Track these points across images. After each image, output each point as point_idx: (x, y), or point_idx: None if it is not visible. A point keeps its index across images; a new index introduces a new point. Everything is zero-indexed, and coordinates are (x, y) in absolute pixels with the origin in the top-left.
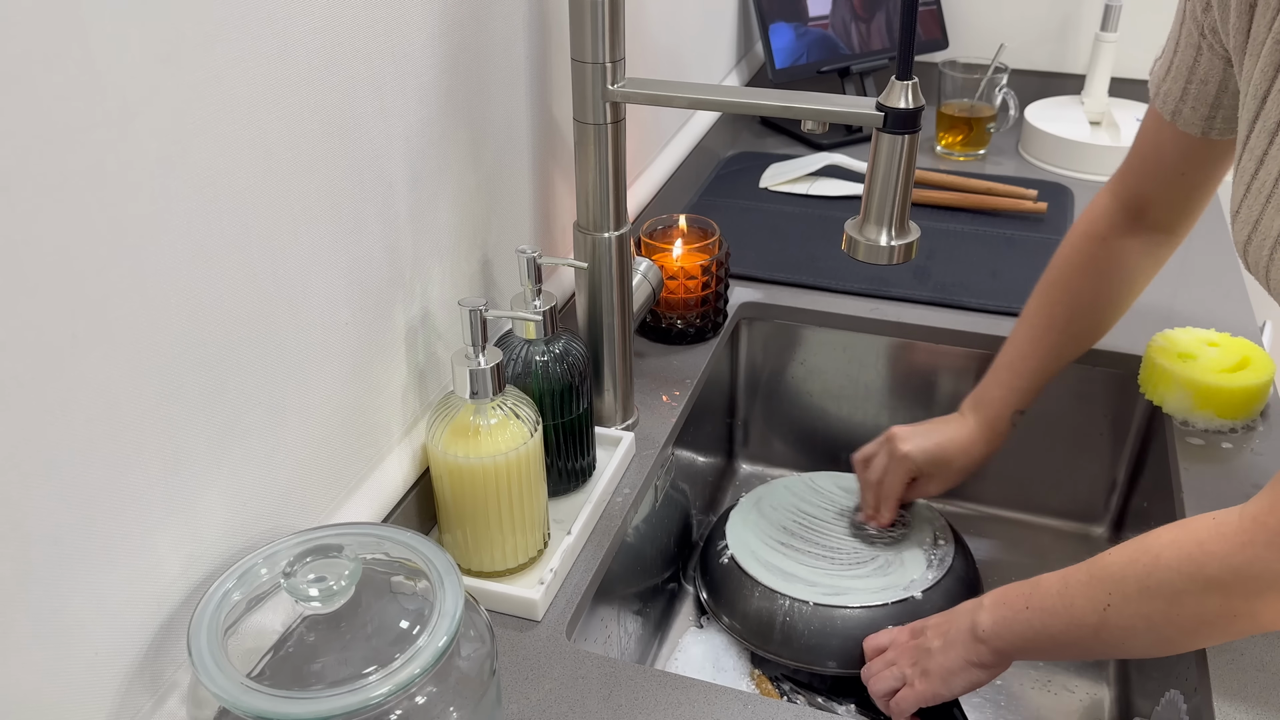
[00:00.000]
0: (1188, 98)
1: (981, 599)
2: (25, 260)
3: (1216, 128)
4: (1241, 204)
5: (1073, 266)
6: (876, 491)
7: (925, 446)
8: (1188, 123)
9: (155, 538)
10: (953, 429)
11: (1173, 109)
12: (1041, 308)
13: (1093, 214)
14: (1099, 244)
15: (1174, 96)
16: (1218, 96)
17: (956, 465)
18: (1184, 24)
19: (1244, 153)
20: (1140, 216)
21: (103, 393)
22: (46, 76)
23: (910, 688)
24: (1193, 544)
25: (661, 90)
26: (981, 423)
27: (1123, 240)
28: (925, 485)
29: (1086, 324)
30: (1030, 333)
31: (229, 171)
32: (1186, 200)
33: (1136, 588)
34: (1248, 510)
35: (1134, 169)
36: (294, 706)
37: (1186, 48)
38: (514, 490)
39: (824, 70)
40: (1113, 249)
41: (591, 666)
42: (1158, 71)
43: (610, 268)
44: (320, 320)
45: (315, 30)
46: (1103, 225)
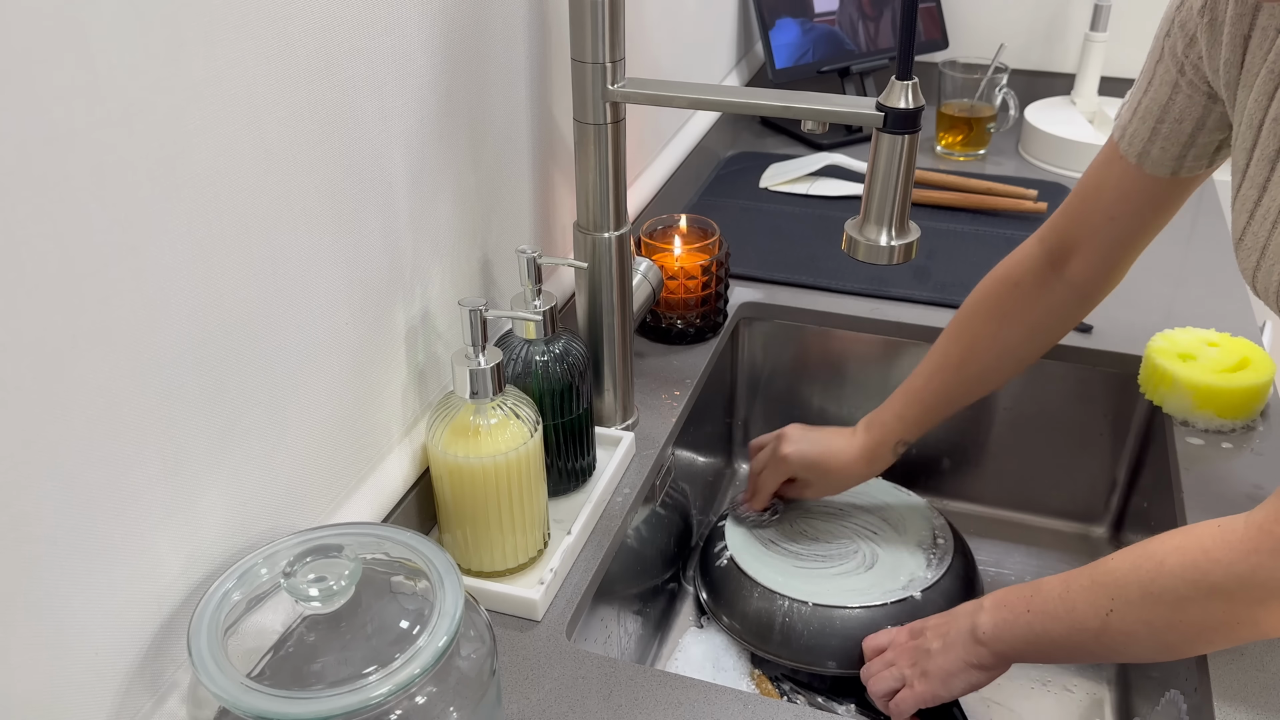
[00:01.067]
0: (1157, 138)
1: (981, 601)
2: (25, 260)
3: (1186, 166)
4: (1245, 231)
5: (979, 308)
6: (754, 481)
7: (806, 453)
8: (1156, 163)
9: (155, 538)
10: (839, 443)
11: (1139, 150)
12: (944, 343)
13: (1013, 259)
14: (1011, 289)
15: (1141, 138)
16: (1192, 135)
17: (834, 479)
18: (1159, 62)
19: (1244, 181)
20: (1061, 267)
21: (103, 393)
22: (46, 76)
23: (910, 689)
24: (1198, 551)
25: (661, 90)
26: (867, 444)
27: (1036, 291)
28: (802, 489)
29: (980, 368)
30: (929, 367)
31: (229, 171)
32: (1111, 252)
33: (1140, 593)
34: (1253, 518)
35: (1070, 213)
36: (294, 706)
37: (1160, 86)
38: (514, 490)
39: (824, 70)
40: (1023, 297)
41: (591, 666)
42: (1123, 115)
43: (610, 268)
44: (320, 320)
45: (315, 30)
46: (1019, 271)
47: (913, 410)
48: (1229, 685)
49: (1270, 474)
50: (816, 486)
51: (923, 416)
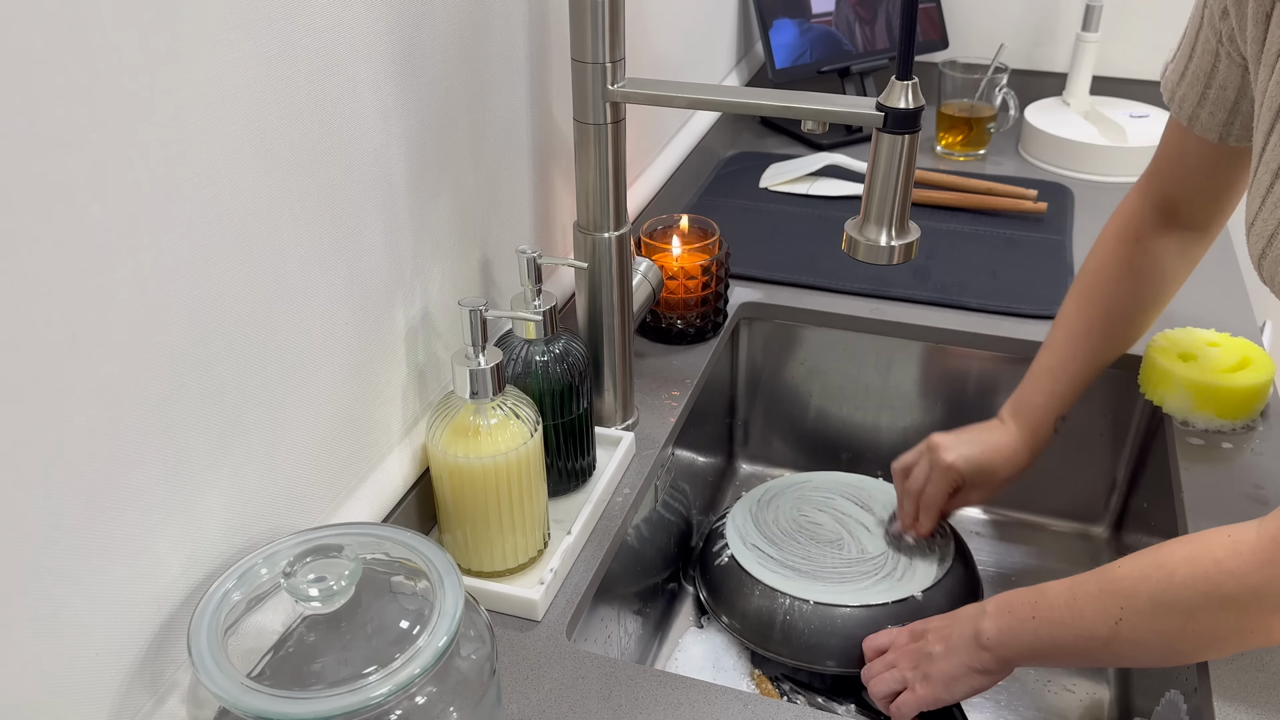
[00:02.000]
0: (1205, 103)
1: (984, 605)
2: (25, 260)
3: (1234, 134)
4: (1257, 216)
5: (1108, 270)
6: (917, 501)
7: (970, 456)
8: (1205, 128)
9: (155, 538)
10: (996, 437)
11: (1189, 114)
12: (1079, 312)
13: (1124, 216)
14: (1133, 246)
15: (1190, 102)
16: (1236, 102)
17: (1001, 475)
18: (1201, 29)
19: (1259, 165)
20: (1172, 216)
21: (103, 393)
22: (46, 76)
23: (911, 692)
24: (1209, 562)
25: (661, 90)
26: (1025, 430)
27: (1156, 240)
28: (968, 495)
29: (1124, 327)
30: (1069, 338)
31: (229, 171)
32: (1216, 200)
33: (1150, 603)
34: (1265, 528)
35: (1161, 172)
36: (294, 706)
37: (1204, 53)
38: (514, 490)
39: (824, 70)
40: (1147, 250)
41: (591, 666)
42: (1170, 76)
43: (610, 268)
44: (320, 320)
45: (315, 30)
46: (1135, 227)
47: (1064, 384)
48: (1229, 685)
49: (1270, 474)
50: (983, 489)
51: (1075, 387)
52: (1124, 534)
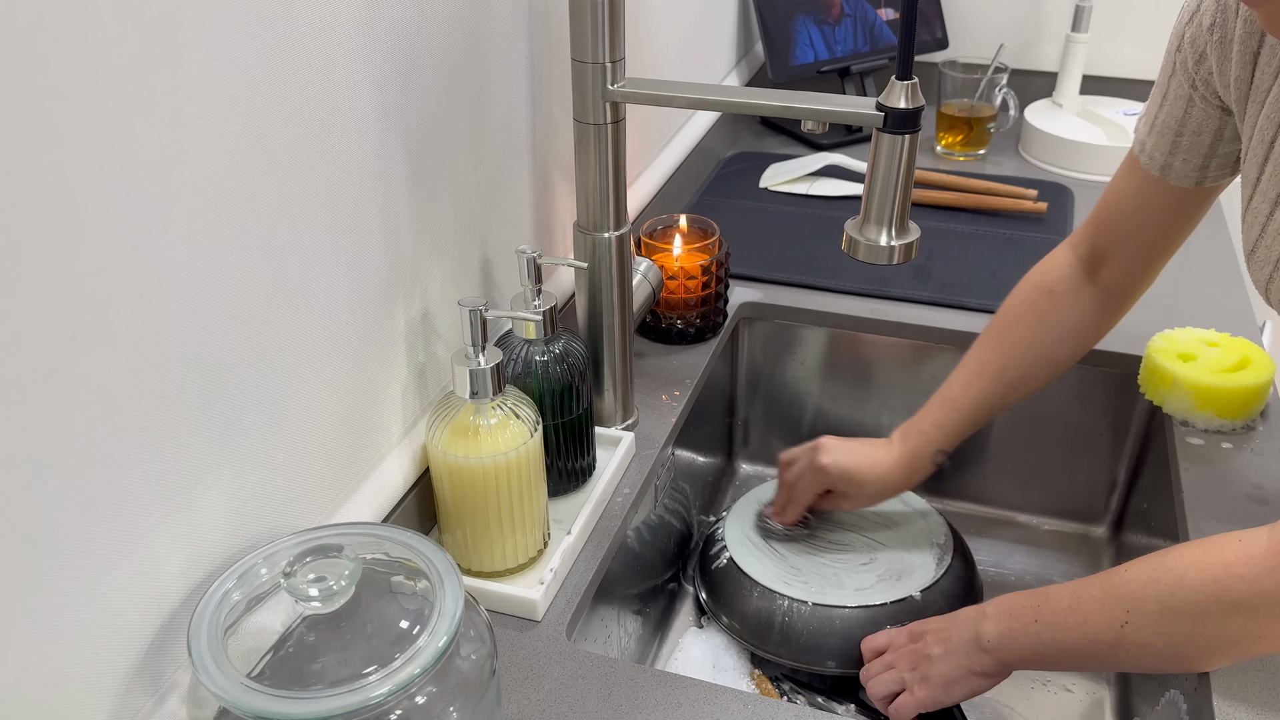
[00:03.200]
0: (1179, 150)
1: (984, 608)
2: (25, 260)
3: (1210, 175)
4: (1257, 244)
5: (1015, 315)
6: (789, 493)
7: (844, 464)
8: (1180, 175)
9: (155, 538)
10: (877, 454)
11: (1161, 164)
12: (980, 351)
13: (1047, 265)
14: (1046, 295)
15: (1163, 151)
16: (1212, 146)
17: (870, 490)
18: (1172, 77)
19: (1254, 195)
20: (1094, 273)
21: (103, 393)
22: (46, 76)
23: (910, 694)
24: (1219, 566)
25: (661, 90)
26: (905, 454)
27: (1072, 296)
28: (839, 501)
29: (1018, 374)
30: (965, 375)
31: (229, 171)
32: (1143, 257)
33: (1157, 607)
34: (1276, 533)
35: (1098, 222)
36: (294, 706)
37: (1175, 100)
38: (514, 490)
39: (824, 70)
40: (1059, 303)
41: (591, 666)
42: (1141, 129)
43: (610, 268)
44: (320, 320)
45: (315, 30)
46: (1053, 277)
47: (951, 419)
48: (1229, 685)
49: (1270, 474)
50: (854, 498)
51: (961, 425)
52: (1124, 534)
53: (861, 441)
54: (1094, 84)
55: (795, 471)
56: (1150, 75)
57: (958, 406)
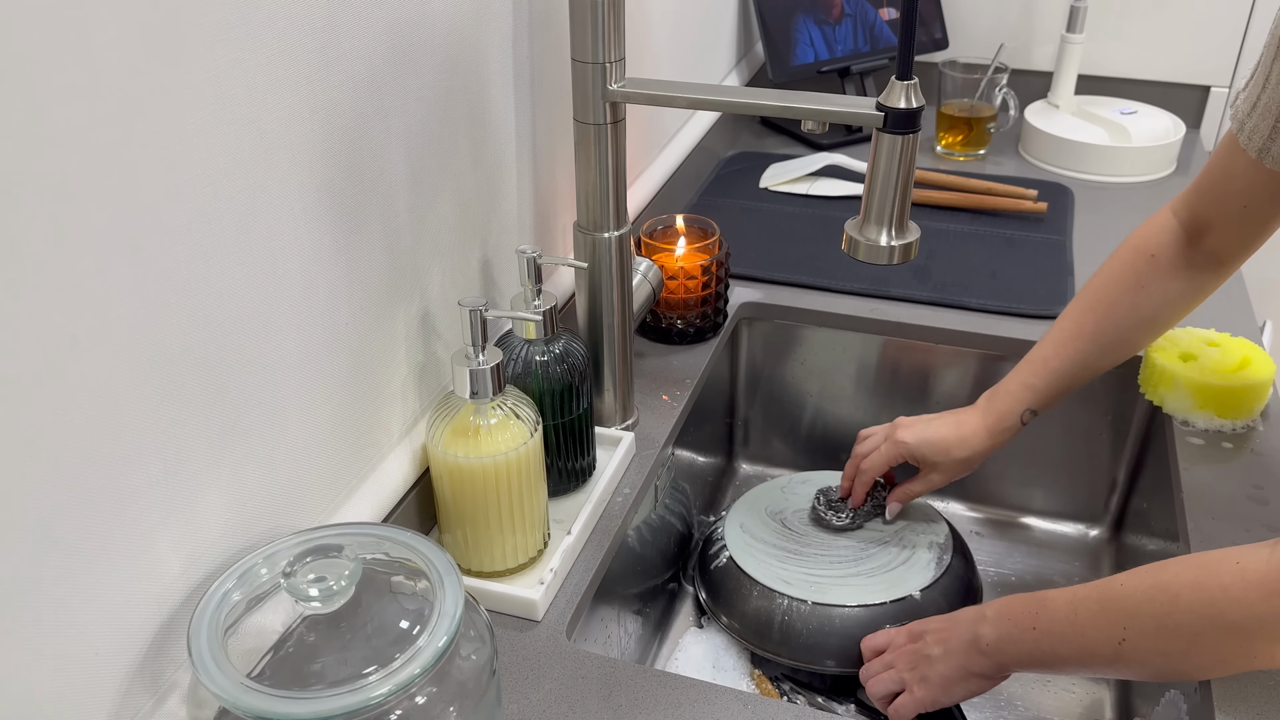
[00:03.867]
0: (1278, 135)
1: (984, 609)
2: (25, 260)
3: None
4: None
5: (1115, 277)
6: (857, 465)
7: (923, 434)
8: (1278, 159)
9: (155, 538)
10: (958, 419)
11: (1260, 146)
12: (1075, 313)
13: (1148, 229)
14: (1146, 260)
15: (1261, 134)
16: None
17: (955, 455)
18: (1275, 61)
19: None
20: (1197, 240)
21: (103, 393)
22: (46, 76)
23: (909, 694)
24: (1216, 589)
25: (661, 90)
26: (991, 414)
27: (1173, 261)
28: (929, 476)
29: (1115, 337)
30: (1059, 336)
31: (229, 171)
32: (1248, 232)
33: (1154, 625)
34: (1276, 556)
35: (1202, 192)
36: (294, 706)
37: (1278, 85)
38: (514, 490)
39: (824, 70)
40: (1160, 268)
41: (591, 666)
42: (1242, 106)
43: (610, 268)
44: (320, 320)
45: (315, 30)
46: (1155, 242)
47: (1042, 379)
48: (1229, 685)
49: (1270, 474)
50: (942, 468)
51: (1053, 385)
52: (1124, 534)
53: (943, 414)
54: (1091, 84)
55: (869, 445)
56: (1145, 75)
57: (1049, 367)
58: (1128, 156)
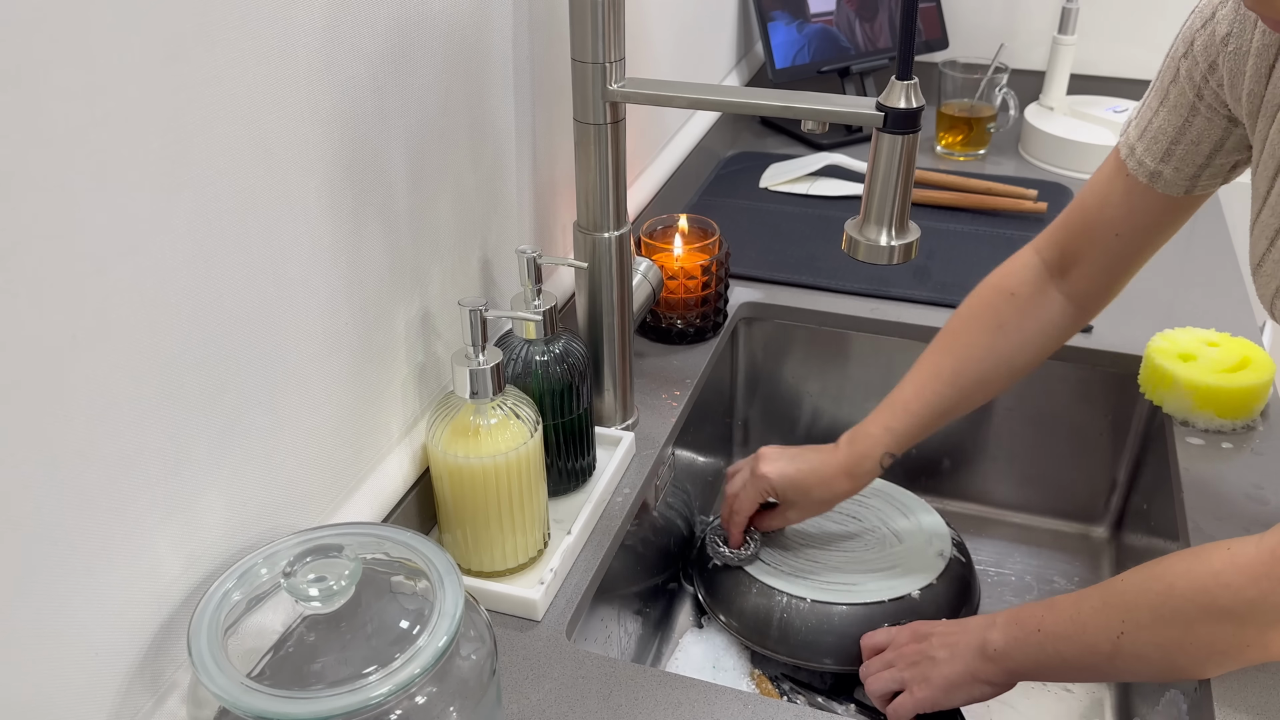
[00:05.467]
0: (1171, 159)
1: (995, 617)
2: (25, 260)
3: (1201, 185)
4: (1265, 258)
5: (973, 318)
6: (730, 505)
7: (785, 472)
8: (1169, 184)
9: (155, 538)
10: (820, 459)
11: (1150, 171)
12: (934, 355)
13: (1009, 268)
14: (1006, 299)
15: (1154, 158)
16: (1210, 156)
17: (815, 496)
18: (1173, 84)
19: (1264, 208)
20: (1060, 277)
21: (103, 393)
22: (46, 76)
23: (909, 694)
24: (1207, 575)
25: (661, 90)
26: (850, 458)
27: (1033, 302)
28: (785, 513)
29: (974, 379)
30: (918, 378)
31: (229, 171)
32: (1116, 265)
33: (1150, 616)
34: (1265, 542)
35: (1070, 225)
36: (294, 706)
37: (1176, 109)
38: (514, 490)
39: (824, 70)
40: (1020, 307)
41: (591, 666)
42: (1130, 134)
43: (610, 268)
44: (320, 320)
45: (315, 30)
46: (1016, 280)
47: (900, 422)
48: (1229, 685)
49: (1270, 474)
50: (799, 507)
51: (912, 429)
52: (1124, 534)
53: (805, 448)
54: (1087, 84)
55: (737, 483)
56: (1138, 74)
57: (909, 410)
58: None
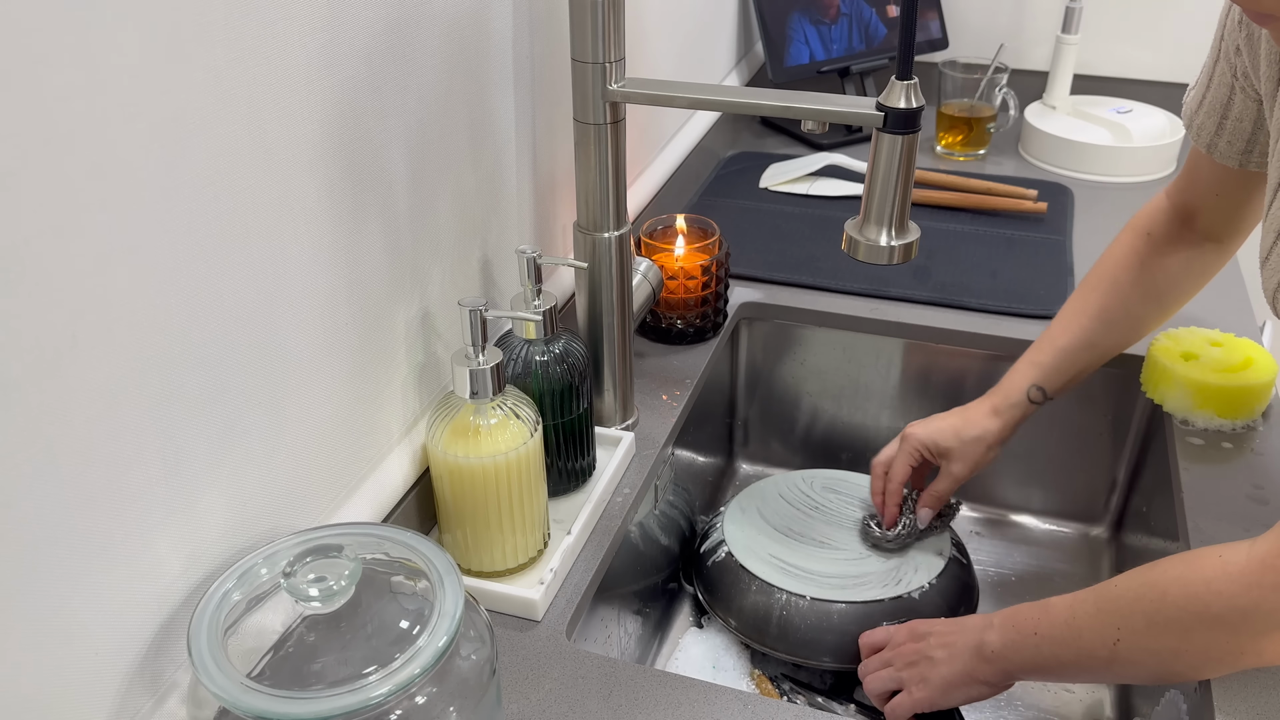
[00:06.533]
0: (1223, 133)
1: (992, 617)
2: (25, 260)
3: (1254, 161)
4: (1271, 251)
5: (1117, 257)
6: (884, 477)
7: (930, 426)
8: (1224, 155)
9: (155, 538)
10: (964, 409)
11: (1208, 142)
12: (1082, 293)
13: (1147, 211)
14: (1146, 240)
15: (1209, 130)
16: (1253, 133)
17: (966, 435)
18: (1218, 62)
19: (1274, 200)
20: (1189, 223)
21: (103, 393)
22: (46, 76)
23: (907, 694)
24: (1200, 583)
25: (661, 90)
26: (995, 395)
27: (1170, 242)
28: (949, 469)
29: (1122, 314)
30: (1066, 315)
31: (229, 171)
32: (1232, 217)
33: (1145, 623)
34: (1255, 550)
35: (1185, 178)
36: (294, 706)
37: (1220, 86)
38: (514, 490)
39: (824, 70)
40: (1159, 248)
41: (591, 666)
42: (1190, 103)
43: (610, 268)
44: (320, 320)
45: (315, 30)
46: (1153, 224)
47: (1048, 355)
48: (1229, 686)
49: (1270, 474)
50: (957, 454)
51: (1060, 362)
52: (1124, 534)
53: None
54: (1090, 84)
55: (885, 454)
56: (1142, 75)
57: (1056, 344)
58: (1128, 156)
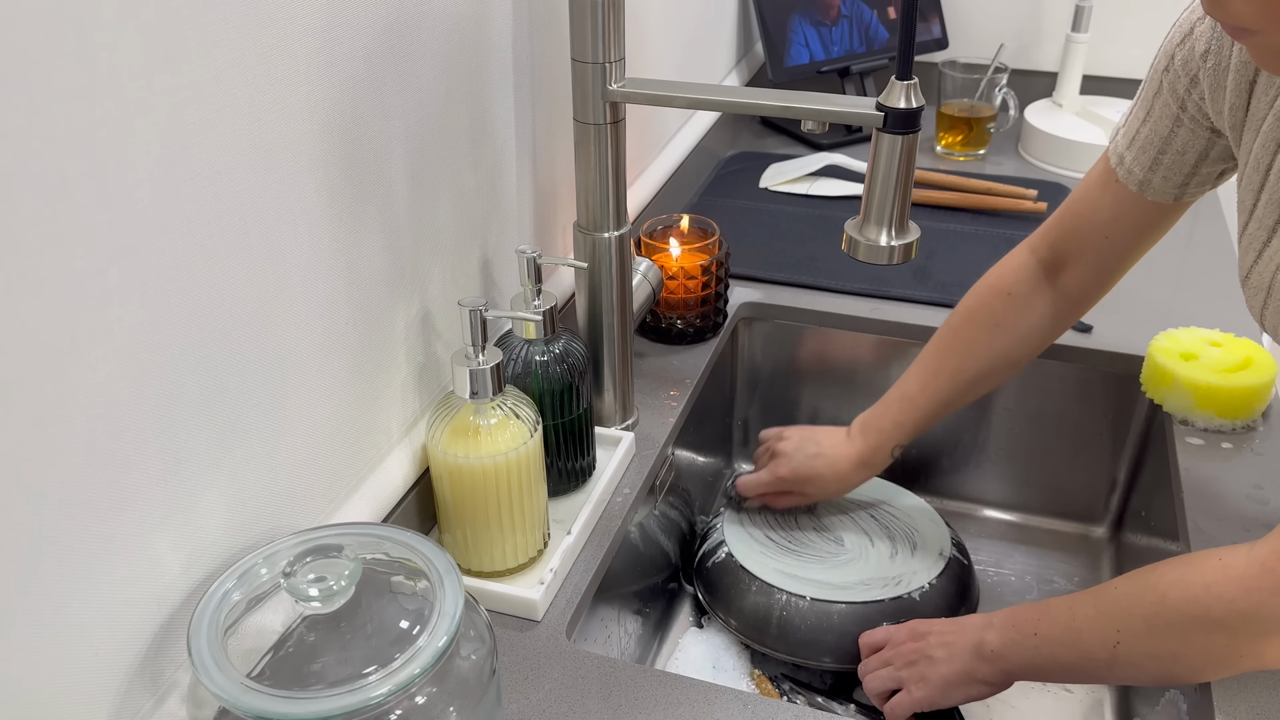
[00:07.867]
0: (1159, 168)
1: (991, 617)
2: (25, 260)
3: (1189, 192)
4: (1252, 269)
5: (972, 316)
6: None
7: (797, 467)
8: (1158, 192)
9: (155, 538)
10: (834, 448)
11: (1140, 180)
12: (936, 352)
13: (1004, 268)
14: (1003, 299)
15: (1142, 167)
16: (1195, 165)
17: (826, 481)
18: (1158, 96)
19: (1250, 221)
20: (1054, 276)
21: (103, 393)
22: (46, 76)
23: (907, 693)
24: (1199, 586)
25: (661, 90)
26: (863, 449)
27: (1028, 300)
28: (796, 499)
29: (974, 375)
30: (922, 374)
31: (229, 171)
32: (1106, 266)
33: (1144, 626)
34: (1255, 554)
35: (1063, 227)
36: (294, 706)
37: (1161, 119)
38: (514, 490)
39: (824, 70)
40: (1015, 306)
41: (591, 666)
42: (1119, 143)
43: (610, 268)
44: (320, 320)
45: (315, 30)
46: (1011, 281)
47: (909, 417)
48: (1229, 687)
49: (1270, 474)
50: (810, 494)
51: (919, 422)
52: (1124, 534)
53: (825, 434)
54: (1094, 84)
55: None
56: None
57: (915, 405)
58: None
